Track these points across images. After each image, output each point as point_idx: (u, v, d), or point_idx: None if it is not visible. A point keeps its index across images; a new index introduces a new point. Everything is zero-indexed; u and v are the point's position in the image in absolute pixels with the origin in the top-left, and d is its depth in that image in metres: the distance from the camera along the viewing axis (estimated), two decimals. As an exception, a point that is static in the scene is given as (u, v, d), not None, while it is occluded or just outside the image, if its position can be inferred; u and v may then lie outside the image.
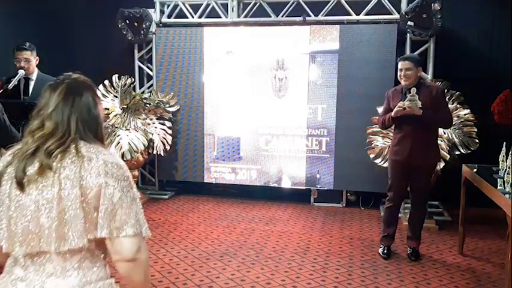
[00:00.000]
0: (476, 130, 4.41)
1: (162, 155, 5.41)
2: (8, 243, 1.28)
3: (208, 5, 5.42)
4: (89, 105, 1.39)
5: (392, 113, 3.53)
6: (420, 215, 3.82)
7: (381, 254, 3.81)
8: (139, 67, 5.76)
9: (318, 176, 5.23)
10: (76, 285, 1.27)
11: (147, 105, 5.41)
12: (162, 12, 5.57)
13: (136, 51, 5.71)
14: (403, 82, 3.57)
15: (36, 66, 3.82)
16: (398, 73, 3.60)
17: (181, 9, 5.53)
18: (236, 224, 4.64)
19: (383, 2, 4.90)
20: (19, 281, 1.29)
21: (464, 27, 4.97)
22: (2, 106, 2.99)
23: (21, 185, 1.27)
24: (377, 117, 4.43)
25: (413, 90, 3.47)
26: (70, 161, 1.28)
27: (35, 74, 3.80)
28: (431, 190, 3.86)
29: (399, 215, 4.84)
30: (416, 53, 4.86)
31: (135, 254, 1.30)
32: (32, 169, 1.28)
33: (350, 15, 5.01)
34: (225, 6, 5.35)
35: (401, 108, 3.45)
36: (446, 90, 4.56)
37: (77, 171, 1.27)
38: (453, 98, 4.56)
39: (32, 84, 3.77)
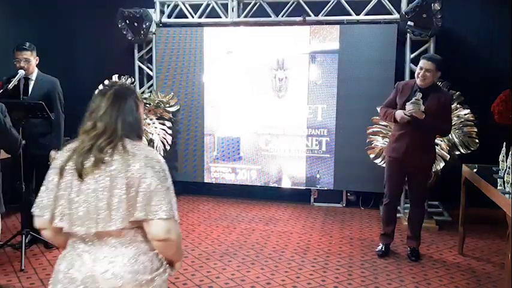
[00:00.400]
0: (476, 130, 4.41)
1: (162, 155, 5.40)
2: (70, 224, 1.53)
3: (208, 5, 5.41)
4: (132, 108, 1.65)
5: (398, 118, 3.51)
6: (418, 215, 3.82)
7: (377, 251, 3.83)
8: (139, 67, 5.76)
9: (318, 176, 5.23)
10: (132, 255, 1.53)
11: (147, 105, 5.41)
12: (162, 12, 5.57)
13: (136, 51, 5.70)
14: (418, 81, 3.50)
15: (36, 66, 3.82)
16: (417, 71, 3.52)
17: (181, 9, 5.52)
18: (236, 224, 4.64)
19: (383, 2, 4.90)
20: (85, 252, 1.56)
21: (464, 27, 4.97)
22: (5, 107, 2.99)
23: (81, 176, 1.52)
24: (377, 117, 4.44)
25: (419, 94, 3.43)
26: (118, 155, 1.52)
27: (34, 74, 3.80)
28: (427, 190, 3.87)
29: (399, 215, 4.86)
30: (416, 53, 4.87)
31: (166, 234, 1.52)
32: (89, 163, 1.52)
33: (350, 15, 5.01)
34: (225, 6, 5.35)
35: (407, 116, 3.44)
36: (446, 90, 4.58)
37: (123, 164, 1.51)
38: (453, 98, 4.55)
39: (31, 84, 3.77)
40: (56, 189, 1.55)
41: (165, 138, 5.37)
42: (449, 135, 4.39)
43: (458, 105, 4.52)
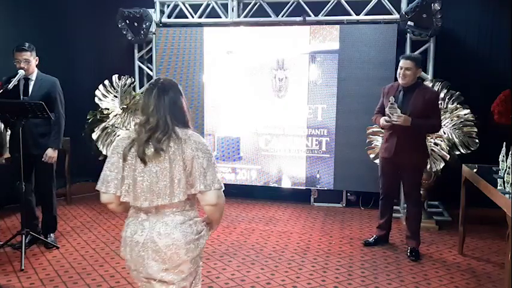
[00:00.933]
0: (476, 130, 4.41)
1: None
2: (134, 199, 1.89)
3: (208, 5, 5.42)
4: (176, 101, 1.96)
5: (381, 124, 3.71)
6: (415, 214, 3.85)
7: (364, 240, 4.01)
8: (139, 67, 5.76)
9: (318, 176, 5.23)
10: (181, 221, 1.92)
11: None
12: (162, 12, 5.57)
13: (136, 51, 5.71)
14: (400, 80, 3.64)
15: (36, 66, 3.82)
16: (398, 71, 3.66)
17: (181, 9, 5.52)
18: (236, 224, 4.64)
19: (383, 2, 4.90)
20: (145, 221, 1.92)
21: (464, 27, 4.97)
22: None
23: (144, 162, 1.86)
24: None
25: (392, 99, 3.56)
26: (173, 143, 1.87)
27: (34, 74, 3.79)
28: (420, 188, 3.88)
29: (400, 215, 4.86)
30: (416, 52, 4.86)
31: (217, 200, 1.92)
32: (150, 151, 1.86)
33: (350, 15, 5.01)
34: (225, 6, 5.35)
35: (388, 123, 3.60)
36: (446, 90, 4.58)
37: (178, 149, 1.86)
38: (453, 98, 4.56)
39: (31, 84, 3.77)
40: (121, 171, 1.90)
41: (165, 138, 5.36)
42: (449, 135, 4.41)
43: (458, 105, 4.52)
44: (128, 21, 5.34)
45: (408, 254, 3.78)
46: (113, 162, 1.92)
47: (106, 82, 5.29)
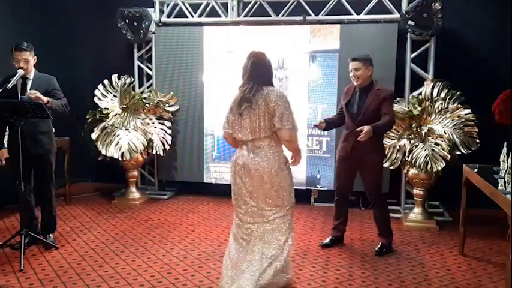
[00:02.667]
0: (477, 130, 4.40)
1: (162, 155, 5.39)
2: (241, 135, 2.94)
3: (208, 4, 5.40)
4: (265, 66, 2.98)
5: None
6: (379, 210, 3.87)
7: (321, 243, 3.98)
8: (139, 67, 5.75)
9: (318, 176, 5.22)
10: (268, 153, 2.90)
11: (147, 105, 5.40)
12: (161, 11, 5.56)
13: (135, 50, 5.69)
14: (354, 82, 3.75)
15: (34, 65, 3.80)
16: (350, 74, 3.75)
17: (181, 8, 5.51)
18: (236, 224, 4.62)
19: (384, 1, 4.89)
20: (244, 150, 2.97)
21: (465, 27, 4.95)
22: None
23: (240, 114, 2.91)
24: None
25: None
26: (261, 98, 2.84)
27: (32, 74, 3.78)
28: (380, 185, 3.85)
29: (399, 215, 4.85)
30: (416, 52, 4.86)
31: (288, 137, 2.88)
32: (243, 106, 2.88)
33: (350, 14, 5.00)
34: (225, 6, 5.34)
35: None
36: (447, 90, 4.57)
37: (264, 102, 2.85)
38: (454, 98, 4.55)
39: (29, 83, 3.76)
40: (232, 118, 2.96)
41: (164, 138, 5.36)
42: (450, 135, 4.40)
43: (459, 105, 4.51)
44: (127, 21, 5.33)
45: (377, 249, 3.82)
46: (229, 112, 2.99)
47: (105, 82, 5.28)
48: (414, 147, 4.44)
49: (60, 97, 3.82)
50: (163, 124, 5.39)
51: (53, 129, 3.99)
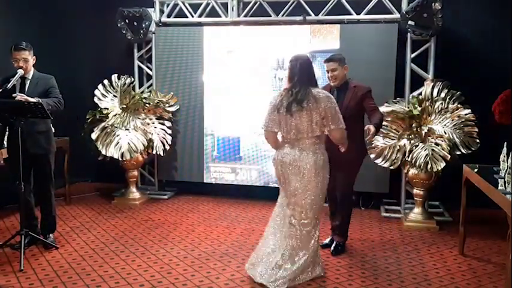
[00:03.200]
0: (477, 130, 4.40)
1: (162, 155, 5.39)
2: (287, 133, 3.13)
3: (208, 4, 5.40)
4: (310, 70, 3.17)
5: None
6: (345, 210, 3.85)
7: (322, 242, 3.89)
8: (139, 67, 5.75)
9: (318, 176, 5.20)
10: (311, 149, 3.13)
11: (147, 105, 5.40)
12: (161, 11, 5.56)
13: (135, 50, 5.69)
14: (331, 83, 3.75)
15: (33, 65, 3.80)
16: (327, 75, 3.75)
17: (181, 8, 5.51)
18: (236, 224, 4.63)
19: (383, 1, 4.88)
20: (288, 148, 3.17)
21: (465, 27, 4.95)
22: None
23: (291, 115, 3.08)
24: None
25: None
26: (311, 99, 3.05)
27: (31, 73, 3.78)
28: (352, 185, 3.83)
29: (399, 215, 4.85)
30: (416, 52, 4.86)
31: (340, 135, 3.13)
32: (294, 108, 3.06)
33: (350, 14, 5.00)
34: (224, 6, 5.33)
35: None
36: (447, 90, 4.57)
37: (314, 104, 3.05)
38: (454, 98, 4.55)
39: (28, 83, 3.75)
40: (278, 117, 3.13)
41: (164, 138, 5.36)
42: (450, 135, 4.39)
43: (459, 105, 4.51)
44: (127, 21, 5.32)
45: (333, 248, 3.82)
46: (272, 111, 3.15)
47: (105, 82, 5.27)
48: (414, 147, 4.44)
49: (56, 95, 3.79)
50: (163, 124, 5.39)
51: (53, 129, 3.99)
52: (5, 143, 3.98)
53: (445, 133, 4.41)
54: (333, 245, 3.87)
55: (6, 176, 4.03)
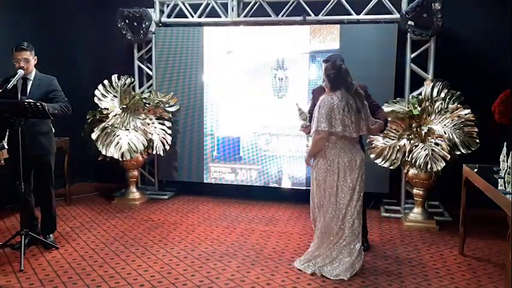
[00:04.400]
0: (477, 130, 4.40)
1: (162, 155, 5.39)
2: (351, 133, 3.32)
3: (208, 4, 5.40)
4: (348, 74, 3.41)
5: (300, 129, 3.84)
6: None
7: None
8: (139, 67, 5.75)
9: (318, 176, 5.21)
10: (359, 147, 3.45)
11: (147, 105, 5.40)
12: (161, 11, 5.56)
13: (135, 50, 5.69)
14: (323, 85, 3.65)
15: (35, 66, 3.80)
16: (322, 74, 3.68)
17: (181, 8, 5.51)
18: (236, 224, 4.63)
19: (383, 1, 4.89)
20: (344, 148, 3.36)
21: (464, 27, 4.95)
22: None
23: (359, 113, 3.32)
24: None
25: (298, 104, 3.81)
26: (360, 98, 3.34)
27: (32, 74, 3.78)
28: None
29: (399, 215, 4.85)
30: (416, 52, 4.86)
31: (377, 131, 3.62)
32: (360, 107, 3.33)
33: (350, 14, 5.00)
34: (224, 6, 5.34)
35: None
36: (447, 90, 4.57)
37: (363, 102, 3.36)
38: (453, 98, 4.55)
39: (29, 84, 3.76)
40: (343, 117, 3.28)
41: (164, 138, 5.36)
42: (450, 135, 4.39)
43: (458, 105, 4.51)
44: (127, 21, 5.32)
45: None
46: (334, 113, 3.27)
47: (105, 82, 5.27)
48: (414, 147, 4.44)
49: (61, 99, 3.80)
50: (163, 124, 5.39)
51: (53, 129, 3.99)
52: (5, 143, 3.98)
53: (445, 133, 4.42)
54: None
55: (6, 175, 4.03)
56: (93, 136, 5.04)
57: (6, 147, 3.94)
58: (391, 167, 4.60)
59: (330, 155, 3.33)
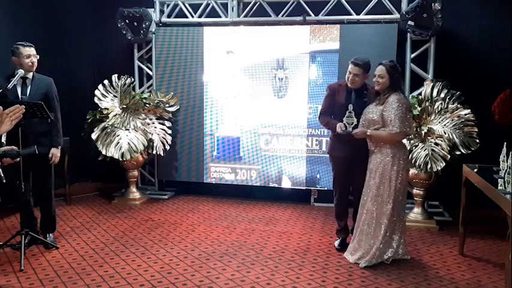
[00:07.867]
0: (476, 130, 4.40)
1: (162, 155, 5.40)
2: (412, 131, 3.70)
3: (208, 4, 5.41)
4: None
5: (338, 131, 3.65)
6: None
7: (336, 246, 3.92)
8: (139, 67, 5.75)
9: (318, 176, 5.22)
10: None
11: (147, 105, 5.40)
12: (161, 11, 5.57)
13: (136, 50, 5.69)
14: (349, 84, 3.74)
15: None
16: (347, 74, 3.74)
17: (181, 8, 5.52)
18: (236, 224, 4.63)
19: (383, 1, 4.89)
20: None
21: (464, 27, 4.96)
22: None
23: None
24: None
25: (350, 106, 3.65)
26: (393, 101, 3.49)
27: (30, 74, 3.78)
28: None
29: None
30: (416, 52, 4.87)
31: (407, 134, 3.61)
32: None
33: (350, 14, 5.01)
34: (224, 6, 5.34)
35: (343, 132, 3.64)
36: (446, 90, 4.57)
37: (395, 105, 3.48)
38: (453, 98, 4.55)
39: (29, 84, 3.75)
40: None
41: (164, 138, 5.36)
42: (450, 135, 4.40)
43: (458, 105, 4.51)
44: (127, 21, 5.33)
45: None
46: (410, 114, 3.59)
47: (105, 82, 5.27)
48: (414, 147, 4.44)
49: (55, 107, 3.82)
50: (164, 124, 5.40)
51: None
52: (4, 142, 3.97)
53: (445, 133, 4.42)
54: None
55: (6, 175, 4.03)
56: (93, 136, 5.04)
57: (5, 145, 3.93)
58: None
59: (405, 151, 3.59)
